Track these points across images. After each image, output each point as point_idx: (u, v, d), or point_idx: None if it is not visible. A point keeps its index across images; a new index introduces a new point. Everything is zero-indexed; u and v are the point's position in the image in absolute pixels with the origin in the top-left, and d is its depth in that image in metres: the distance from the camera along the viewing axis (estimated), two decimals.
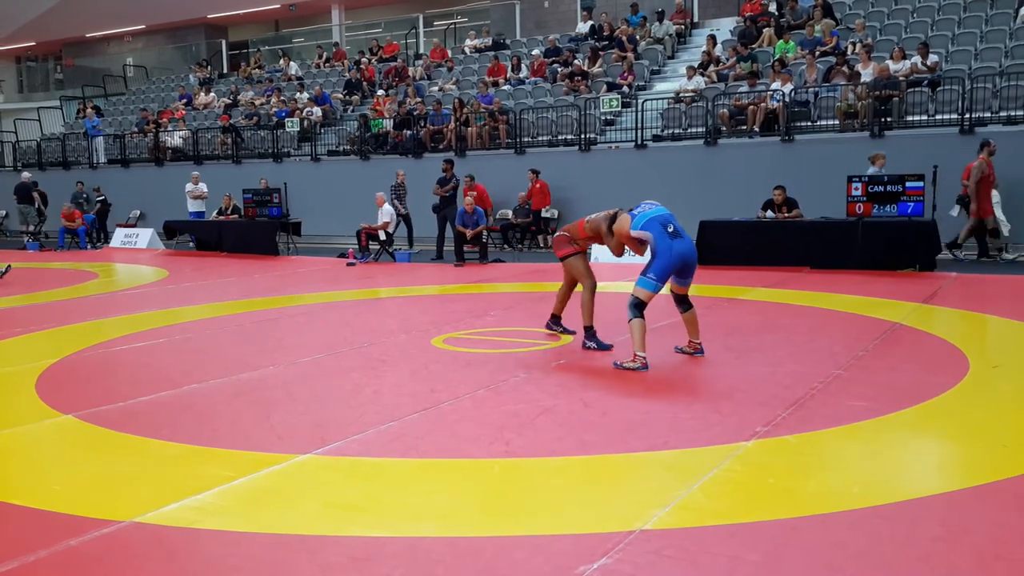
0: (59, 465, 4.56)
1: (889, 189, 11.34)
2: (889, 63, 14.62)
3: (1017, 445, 4.41)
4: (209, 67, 27.92)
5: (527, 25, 25.02)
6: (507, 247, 16.31)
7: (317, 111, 21.06)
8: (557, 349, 7.02)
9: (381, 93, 21.28)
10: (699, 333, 6.61)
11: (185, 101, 25.35)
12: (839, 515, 3.55)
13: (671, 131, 16.26)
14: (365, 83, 22.38)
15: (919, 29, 16.38)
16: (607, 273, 7.54)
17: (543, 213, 16.18)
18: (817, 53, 15.94)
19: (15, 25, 30.69)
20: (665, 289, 6.46)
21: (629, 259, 7.38)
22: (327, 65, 25.02)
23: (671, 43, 19.45)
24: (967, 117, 13.45)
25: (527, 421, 4.98)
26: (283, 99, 22.33)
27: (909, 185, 11.23)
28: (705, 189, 14.64)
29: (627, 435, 4.70)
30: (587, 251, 7.29)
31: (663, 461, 4.29)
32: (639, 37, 19.61)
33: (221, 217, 17.91)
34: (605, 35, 20.09)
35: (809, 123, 15.04)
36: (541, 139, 17.57)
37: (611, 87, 17.81)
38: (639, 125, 16.04)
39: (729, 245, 12.02)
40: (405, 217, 15.85)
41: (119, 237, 19.66)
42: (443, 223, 15.06)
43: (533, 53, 20.72)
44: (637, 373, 6.05)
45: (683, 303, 6.54)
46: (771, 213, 12.46)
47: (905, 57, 14.71)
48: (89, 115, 24.72)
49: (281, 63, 25.81)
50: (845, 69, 15.03)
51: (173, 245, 18.77)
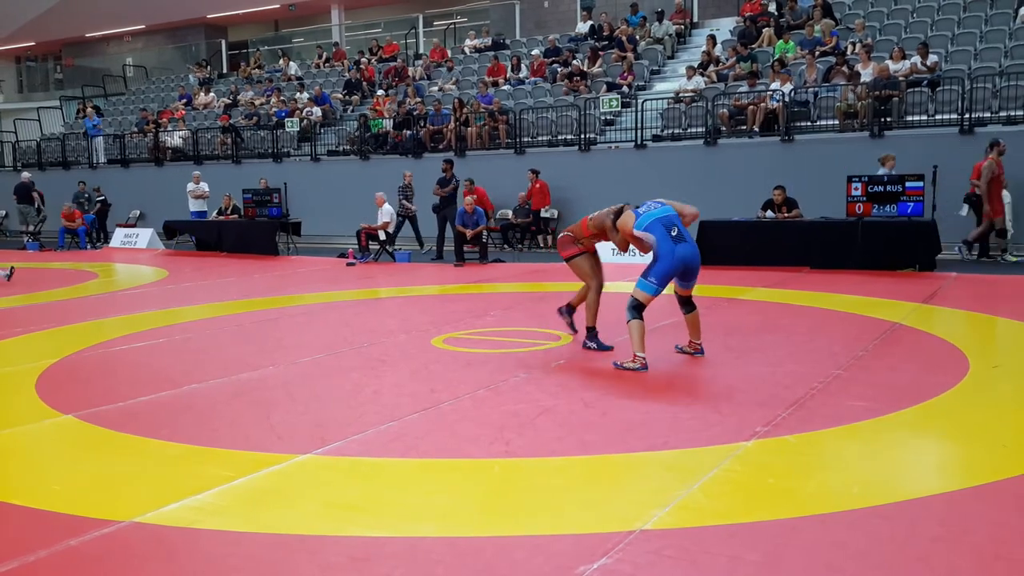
0: (59, 465, 4.56)
1: (889, 189, 11.35)
2: (889, 63, 14.62)
3: (1017, 445, 4.41)
4: (209, 67, 27.92)
5: (527, 25, 25.02)
6: (507, 247, 16.31)
7: (317, 111, 21.06)
8: (557, 349, 7.02)
9: (381, 93, 21.27)
10: (700, 334, 6.63)
11: (185, 101, 25.35)
12: (839, 515, 3.55)
13: (671, 131, 16.26)
14: (365, 83, 22.38)
15: (919, 29, 16.38)
16: (609, 273, 7.53)
17: (543, 213, 16.18)
18: (817, 53, 15.94)
19: (15, 25, 30.69)
20: (669, 290, 6.47)
21: (631, 259, 7.38)
22: (327, 65, 25.02)
23: (671, 43, 19.45)
24: (967, 117, 13.45)
25: (527, 421, 4.98)
26: (283, 99, 22.32)
27: (909, 185, 11.24)
28: (705, 189, 14.63)
29: (627, 435, 4.70)
30: (595, 250, 7.21)
31: (663, 461, 4.29)
32: (639, 37, 19.61)
33: (221, 217, 17.92)
34: (605, 35, 20.09)
35: (809, 123, 15.04)
36: (541, 139, 17.57)
37: (611, 87, 17.81)
38: (639, 125, 16.04)
39: (729, 245, 12.03)
40: (412, 218, 15.85)
41: (119, 237, 19.67)
42: (443, 223, 15.06)
43: (533, 53, 20.71)
44: (637, 373, 6.05)
45: (687, 304, 6.54)
46: (771, 213, 12.47)
47: (905, 57, 14.70)
48: (89, 114, 24.71)
49: (281, 63, 25.81)
50: (845, 69, 15.03)
51: (173, 245, 18.77)
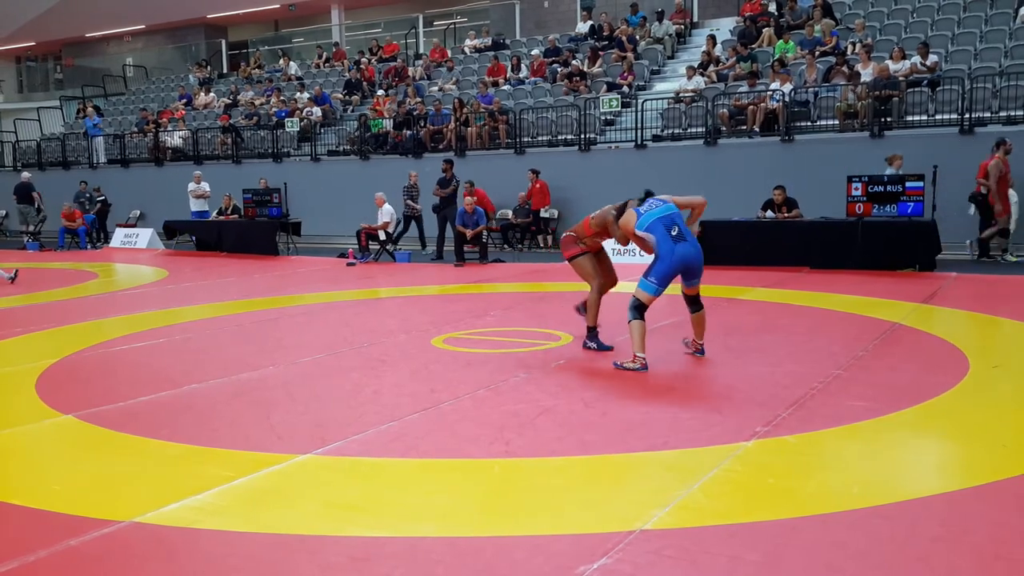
0: (59, 465, 4.56)
1: (889, 189, 11.35)
2: (889, 63, 14.62)
3: (1017, 445, 4.41)
4: (209, 67, 27.91)
5: (527, 25, 25.02)
6: (507, 247, 16.32)
7: (317, 111, 21.06)
8: (557, 349, 7.02)
9: (381, 93, 21.27)
10: (703, 334, 6.60)
11: (185, 101, 25.35)
12: (839, 515, 3.55)
13: (671, 131, 16.25)
14: (365, 83, 22.37)
15: (919, 29, 16.38)
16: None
17: (543, 213, 16.19)
18: (817, 53, 15.94)
19: (15, 25, 30.68)
20: (672, 290, 6.44)
21: (632, 259, 7.36)
22: (327, 65, 25.02)
23: (671, 43, 19.45)
24: (967, 117, 13.45)
25: (527, 421, 4.98)
26: (283, 99, 22.32)
27: (909, 185, 11.24)
28: (705, 189, 14.39)
29: (627, 435, 4.70)
30: (601, 249, 7.17)
31: (663, 461, 4.29)
32: (639, 37, 19.60)
33: (221, 217, 17.92)
34: (605, 35, 20.08)
35: (809, 123, 15.04)
36: (541, 139, 17.57)
37: (611, 87, 17.81)
38: (639, 125, 16.04)
39: (729, 245, 12.02)
40: (418, 218, 15.84)
41: (119, 237, 19.67)
42: (443, 223, 15.06)
43: (533, 53, 20.71)
44: (637, 373, 6.05)
45: (693, 303, 6.49)
46: (771, 213, 12.47)
47: (905, 57, 14.70)
48: (90, 114, 24.72)
49: (281, 63, 25.80)
50: (845, 69, 15.03)
51: (173, 245, 18.77)
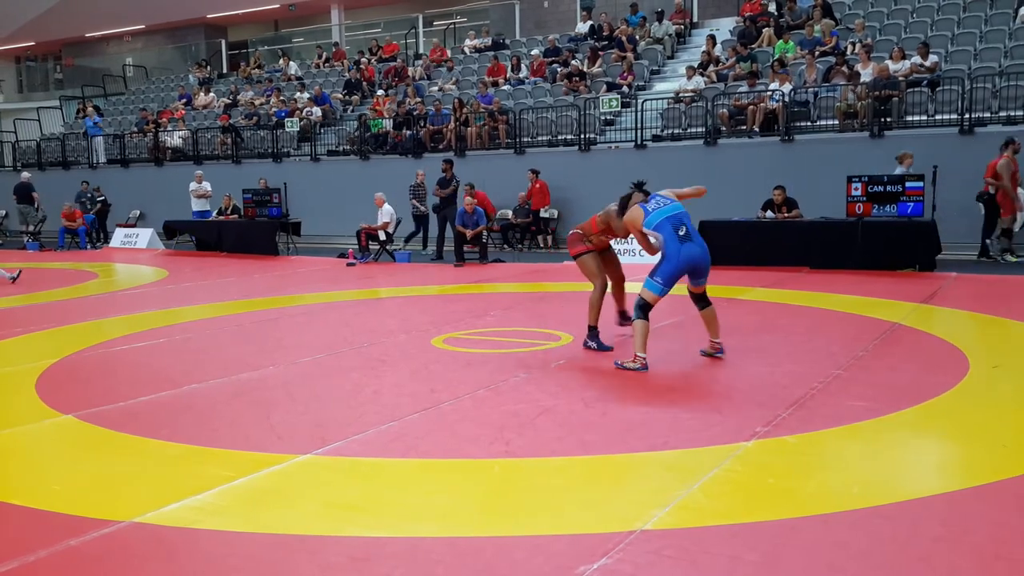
0: (59, 465, 4.56)
1: (889, 189, 11.34)
2: (889, 63, 14.62)
3: (1017, 445, 4.41)
4: (209, 67, 27.91)
5: (527, 25, 25.01)
6: (507, 247, 16.32)
7: (317, 111, 21.06)
8: (557, 349, 7.02)
9: (381, 93, 21.26)
10: (718, 332, 6.52)
11: (185, 101, 25.34)
12: (839, 515, 3.55)
13: (671, 131, 16.25)
14: (365, 83, 22.37)
15: (919, 29, 16.37)
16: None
17: (543, 213, 16.18)
18: (817, 53, 15.94)
19: (15, 25, 30.68)
20: (678, 290, 6.41)
21: (639, 259, 7.34)
22: (327, 65, 25.01)
23: (671, 43, 19.45)
24: (967, 117, 13.45)
25: (527, 421, 4.98)
26: (283, 99, 22.32)
27: (909, 185, 11.24)
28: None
29: (627, 435, 4.70)
30: (608, 248, 7.12)
31: (663, 461, 4.29)
32: (639, 37, 19.60)
33: (221, 217, 17.92)
34: (605, 35, 20.08)
35: (809, 123, 15.03)
36: (541, 139, 17.56)
37: (611, 87, 17.81)
38: (639, 125, 16.04)
39: (729, 245, 11.99)
40: (422, 217, 15.83)
41: (119, 237, 19.67)
42: (443, 223, 15.06)
43: (533, 53, 20.70)
44: (637, 373, 6.05)
45: (701, 301, 6.47)
46: (771, 213, 12.47)
47: (905, 57, 14.70)
48: (90, 114, 24.72)
49: (281, 63, 25.79)
50: (845, 69, 15.03)
51: (173, 245, 18.77)
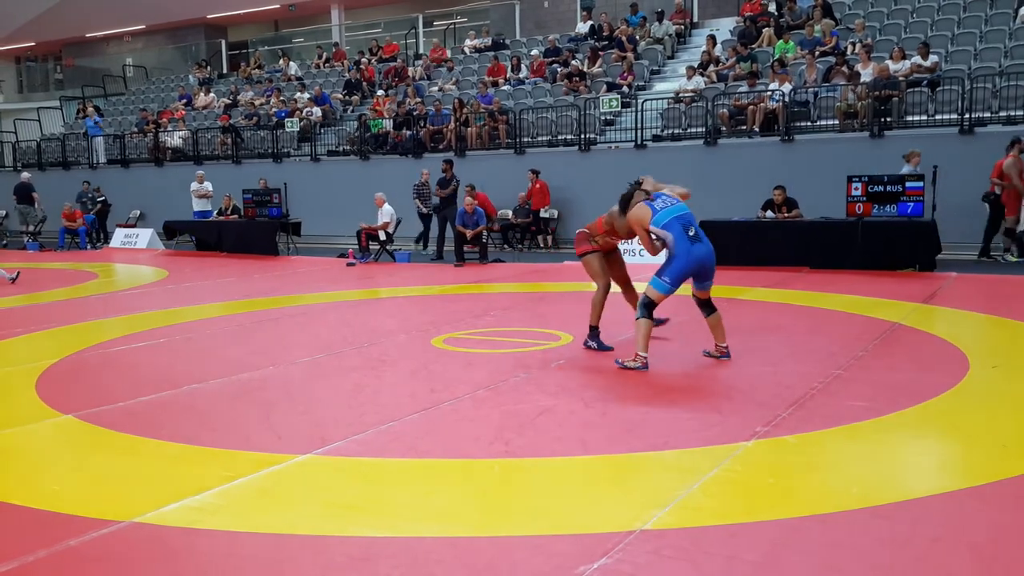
0: (59, 465, 4.56)
1: (889, 189, 11.34)
2: (889, 63, 14.62)
3: (1017, 445, 4.41)
4: (209, 67, 27.91)
5: (527, 25, 25.01)
6: (507, 247, 16.32)
7: (317, 111, 21.06)
8: (557, 349, 7.02)
9: (381, 93, 21.26)
10: (725, 337, 6.49)
11: (185, 101, 25.35)
12: (838, 515, 3.55)
13: (671, 131, 16.25)
14: (365, 83, 22.37)
15: (919, 29, 16.37)
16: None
17: (542, 213, 16.18)
18: (817, 53, 15.94)
19: (15, 25, 30.68)
20: (680, 290, 6.37)
21: (638, 259, 7.32)
22: (327, 65, 25.01)
23: (671, 43, 19.45)
24: (967, 117, 13.45)
25: (527, 421, 4.98)
26: (283, 99, 22.32)
27: (909, 185, 11.24)
28: (705, 189, 14.54)
29: (627, 435, 4.70)
30: (615, 249, 7.09)
31: (663, 461, 4.29)
32: (639, 37, 19.60)
33: (221, 217, 17.92)
34: (605, 35, 20.08)
35: (809, 123, 15.03)
36: (541, 139, 17.56)
37: (611, 87, 17.81)
38: (639, 125, 16.04)
39: (729, 245, 11.97)
40: (428, 216, 15.83)
41: (119, 237, 19.67)
42: (443, 223, 15.06)
43: (533, 53, 20.70)
44: (637, 373, 6.04)
45: (706, 307, 6.42)
46: (771, 213, 12.47)
47: (905, 57, 14.70)
48: (90, 114, 24.72)
49: (281, 63, 25.79)
50: (845, 69, 15.03)
51: (173, 245, 18.77)
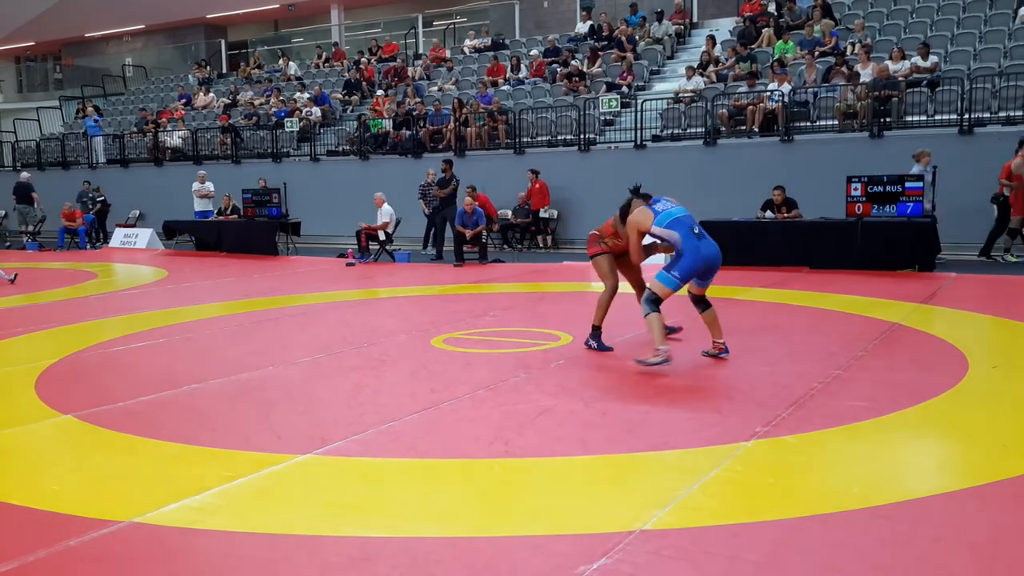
0: (58, 465, 4.56)
1: (888, 189, 11.35)
2: (888, 63, 14.62)
3: (1017, 445, 4.41)
4: (208, 67, 27.90)
5: (526, 25, 25.02)
6: (507, 247, 16.32)
7: (316, 111, 21.06)
8: (557, 349, 7.02)
9: (380, 93, 21.26)
10: (721, 332, 6.52)
11: (184, 101, 25.34)
12: (839, 515, 3.55)
13: (670, 131, 16.25)
14: (364, 83, 22.37)
15: (918, 29, 16.38)
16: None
17: (542, 213, 16.19)
18: (816, 53, 15.94)
19: (14, 25, 30.67)
20: (683, 290, 6.39)
21: (653, 260, 7.26)
22: (326, 65, 25.01)
23: (670, 43, 19.45)
24: (966, 117, 13.45)
25: (527, 421, 4.98)
26: (282, 99, 22.32)
27: (908, 185, 11.24)
28: (705, 189, 14.62)
29: (627, 435, 4.70)
30: (625, 252, 7.03)
31: (663, 461, 4.29)
32: (638, 37, 19.60)
33: (221, 217, 17.92)
34: (604, 35, 20.08)
35: (808, 123, 15.04)
36: (540, 139, 17.57)
37: (610, 87, 17.81)
38: (638, 125, 16.04)
39: (729, 245, 11.94)
40: (430, 216, 15.83)
41: (119, 237, 19.66)
42: (443, 223, 15.06)
43: (532, 53, 20.70)
44: (638, 373, 6.03)
45: (701, 303, 6.47)
46: (770, 213, 12.47)
47: (904, 57, 14.70)
48: (90, 114, 24.72)
49: (280, 63, 25.80)
50: (844, 69, 15.03)
51: (173, 245, 18.77)
